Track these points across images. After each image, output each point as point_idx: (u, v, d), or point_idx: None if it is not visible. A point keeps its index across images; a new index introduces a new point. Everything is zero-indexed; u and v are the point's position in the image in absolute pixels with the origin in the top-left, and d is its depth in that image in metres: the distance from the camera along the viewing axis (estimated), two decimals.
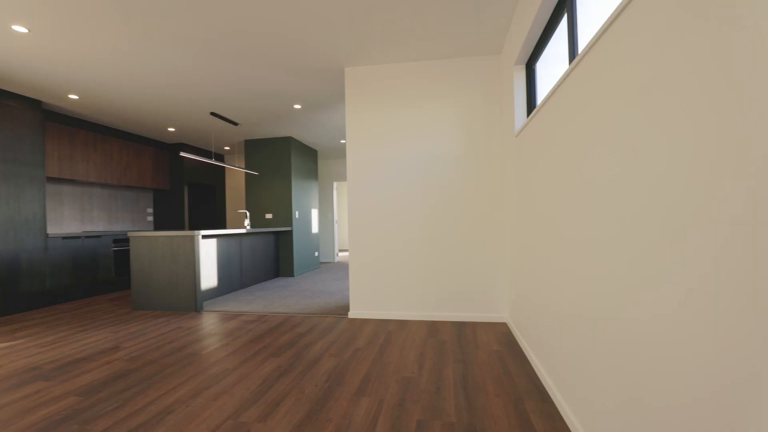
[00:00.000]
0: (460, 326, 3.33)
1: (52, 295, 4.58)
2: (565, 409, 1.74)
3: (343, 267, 7.67)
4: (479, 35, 3.12)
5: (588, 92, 1.43)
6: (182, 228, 6.73)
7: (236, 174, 8.21)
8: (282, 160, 6.56)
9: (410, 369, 2.39)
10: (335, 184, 8.89)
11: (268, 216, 6.62)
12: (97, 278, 5.18)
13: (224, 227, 7.99)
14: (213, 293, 4.66)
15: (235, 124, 5.60)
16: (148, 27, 2.89)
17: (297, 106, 4.90)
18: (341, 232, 12.70)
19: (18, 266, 4.19)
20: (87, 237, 5.04)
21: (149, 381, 2.29)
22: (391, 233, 3.64)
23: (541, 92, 2.65)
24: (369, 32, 3.05)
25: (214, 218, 7.76)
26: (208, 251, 4.53)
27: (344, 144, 7.29)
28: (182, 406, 1.96)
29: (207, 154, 7.62)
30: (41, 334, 3.35)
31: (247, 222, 5.76)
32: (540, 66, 2.70)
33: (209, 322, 3.62)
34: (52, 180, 5.10)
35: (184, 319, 3.79)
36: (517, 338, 2.91)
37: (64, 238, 4.73)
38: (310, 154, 7.41)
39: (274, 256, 6.39)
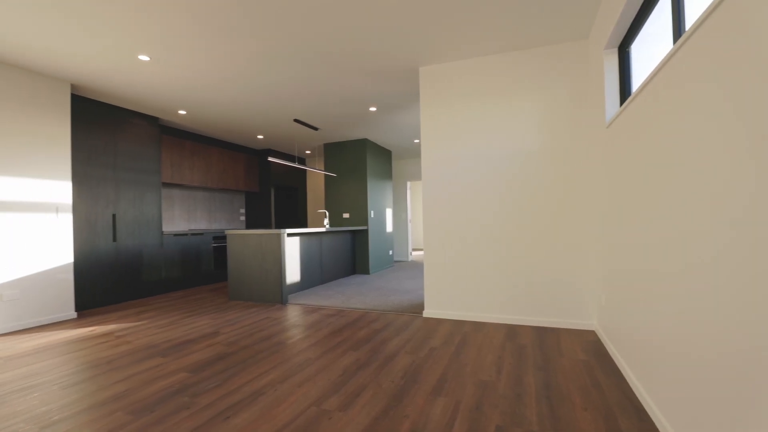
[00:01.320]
0: (541, 331, 3.14)
1: (166, 284, 5.31)
2: None
3: (417, 266, 7.70)
4: (563, 20, 2.91)
5: (704, 71, 1.25)
6: (269, 227, 7.33)
7: (316, 176, 8.69)
8: (358, 162, 6.79)
9: (488, 372, 2.32)
10: (409, 183, 8.96)
11: (346, 215, 6.91)
12: (200, 270, 5.87)
13: (305, 226, 8.51)
14: (296, 287, 5.00)
15: (316, 129, 5.93)
16: (243, 47, 3.20)
17: (372, 109, 5.04)
18: (415, 232, 12.76)
19: (141, 259, 4.93)
20: (192, 234, 5.75)
21: (244, 364, 2.53)
22: (467, 232, 3.57)
23: (638, 77, 2.39)
24: (444, 30, 3.03)
25: (297, 218, 8.32)
26: (292, 248, 4.88)
27: (418, 143, 7.32)
28: (271, 389, 2.14)
29: (291, 158, 8.19)
30: (158, 318, 3.89)
31: (326, 221, 6.07)
32: (636, 48, 2.44)
33: (293, 314, 3.89)
34: (165, 185, 5.90)
35: (272, 310, 4.12)
36: (607, 348, 2.66)
37: (174, 235, 5.44)
38: (384, 155, 7.56)
39: (350, 253, 6.64)
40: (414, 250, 11.99)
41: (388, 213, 7.73)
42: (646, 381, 1.86)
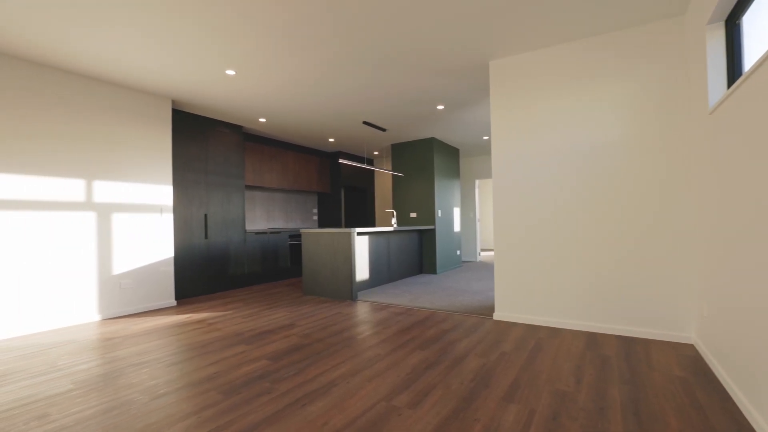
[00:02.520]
0: (627, 342, 2.86)
1: (248, 278, 5.79)
2: None
3: (486, 267, 7.46)
4: None
5: None
6: (339, 226, 7.62)
7: (384, 176, 8.84)
8: (425, 161, 6.78)
9: (565, 382, 2.18)
10: (477, 182, 8.72)
11: (413, 215, 6.93)
12: (277, 266, 6.31)
13: (374, 225, 8.71)
14: (365, 285, 5.14)
15: (384, 130, 6.04)
16: (316, 57, 3.38)
17: (440, 107, 4.99)
18: (483, 231, 12.38)
19: (227, 255, 5.44)
20: (271, 233, 6.19)
21: (318, 356, 2.67)
22: (542, 232, 3.38)
23: (752, 54, 2.07)
24: (516, 20, 2.90)
25: (366, 217, 8.54)
26: (361, 247, 5.03)
27: (487, 140, 7.09)
28: (343, 381, 2.23)
29: (360, 159, 8.44)
30: (242, 309, 4.26)
31: (394, 221, 6.15)
32: (748, 21, 2.11)
33: (362, 311, 4.00)
34: (248, 187, 6.43)
35: (343, 306, 4.28)
36: (710, 365, 2.34)
37: (256, 233, 5.91)
38: (451, 153, 7.45)
39: (418, 253, 6.65)
40: (483, 250, 11.64)
41: (456, 212, 7.60)
42: (763, 406, 1.61)
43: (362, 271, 5.07)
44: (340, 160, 5.20)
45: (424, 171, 6.79)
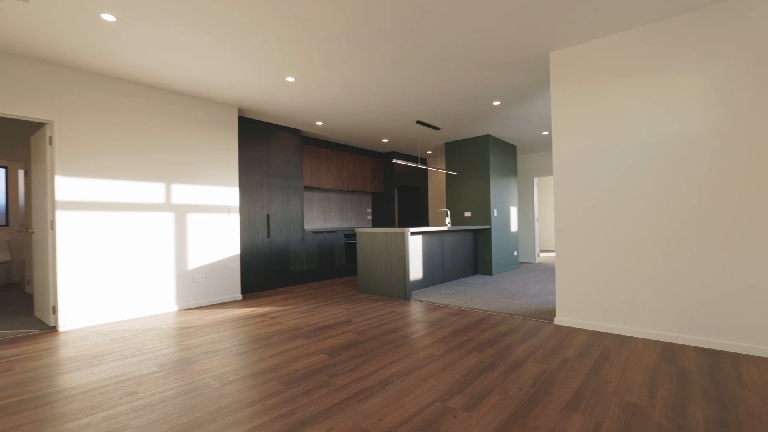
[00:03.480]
0: (711, 355, 2.58)
1: (306, 275, 6.04)
2: None
3: (545, 269, 7.11)
4: None
5: None
6: (393, 225, 7.69)
7: (437, 175, 8.76)
8: (480, 159, 6.61)
9: (637, 394, 2.02)
10: (535, 179, 8.33)
11: (467, 214, 6.80)
12: (333, 264, 6.52)
13: (427, 225, 8.67)
14: (418, 284, 5.13)
15: (437, 128, 5.99)
16: (371, 59, 3.44)
17: (496, 103, 4.84)
18: (542, 231, 11.80)
19: (287, 253, 5.72)
20: (327, 232, 6.41)
21: (373, 353, 2.73)
22: (610, 233, 3.15)
23: None
24: (581, 6, 2.73)
25: (419, 217, 8.53)
26: (415, 246, 5.03)
27: (547, 136, 6.75)
28: (398, 380, 2.25)
29: (413, 159, 8.44)
30: (301, 304, 4.46)
31: (447, 220, 6.08)
32: None
33: (416, 310, 4.01)
34: (306, 188, 6.71)
35: (396, 305, 4.32)
36: None
37: (313, 232, 6.15)
38: (508, 151, 7.19)
39: (472, 253, 6.51)
40: (542, 251, 11.09)
41: (513, 211, 7.32)
42: None
43: (416, 270, 5.07)
44: (394, 160, 5.24)
45: (479, 169, 6.63)
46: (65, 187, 3.51)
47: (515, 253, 7.35)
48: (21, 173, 6.80)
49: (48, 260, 3.60)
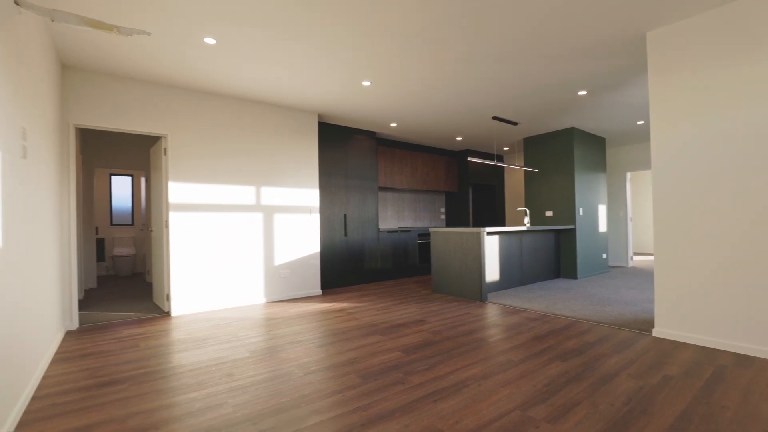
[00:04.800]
0: None
1: (381, 273, 6.19)
2: None
3: (640, 273, 6.37)
4: None
5: None
6: (467, 225, 7.51)
7: (515, 173, 8.36)
8: (563, 154, 6.16)
9: (763, 425, 1.72)
10: (628, 174, 7.52)
11: (548, 213, 6.38)
12: (407, 263, 6.58)
13: (503, 225, 8.32)
14: (495, 286, 4.95)
15: (515, 123, 5.72)
16: (445, 57, 3.41)
17: (581, 93, 4.48)
18: (637, 232, 10.60)
19: (363, 251, 5.91)
20: (401, 231, 6.49)
21: (448, 354, 2.70)
22: (721, 233, 2.72)
23: None
24: None
25: (495, 216, 8.22)
26: (491, 247, 4.86)
27: (642, 126, 6.05)
28: (474, 383, 2.20)
29: (489, 156, 8.16)
30: (376, 302, 4.57)
31: (526, 220, 5.77)
32: None
33: (493, 313, 3.87)
34: (380, 189, 6.87)
35: (472, 306, 4.22)
36: None
37: (388, 232, 6.28)
38: (595, 144, 6.59)
39: (554, 255, 6.10)
40: (636, 254, 9.97)
41: (601, 210, 6.70)
42: None
43: (492, 271, 4.90)
44: (469, 159, 5.13)
45: (562, 165, 6.18)
46: (176, 191, 4.04)
47: (604, 255, 6.71)
48: (143, 180, 7.99)
49: (163, 255, 4.19)
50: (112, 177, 7.75)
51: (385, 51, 3.33)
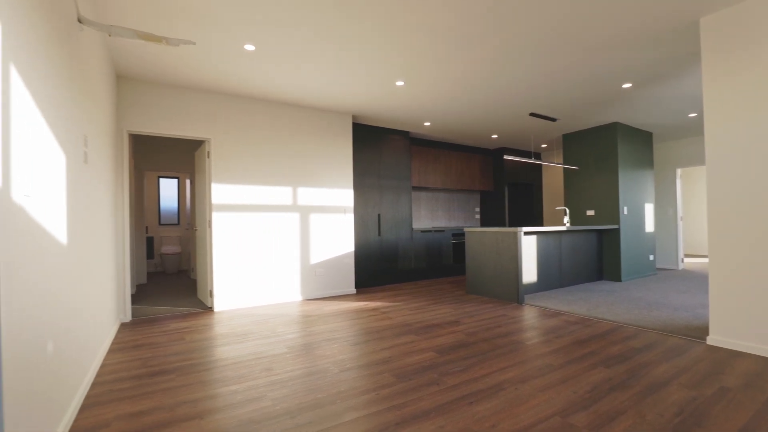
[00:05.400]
0: None
1: (414, 273, 6.17)
2: None
3: (692, 276, 5.96)
4: None
5: None
6: (503, 225, 7.34)
7: (553, 171, 8.08)
8: (606, 150, 5.88)
9: None
10: (678, 171, 7.05)
11: (590, 213, 6.11)
12: (440, 263, 6.52)
13: (541, 224, 8.06)
14: (532, 288, 4.81)
15: (553, 120, 5.52)
16: (479, 54, 3.35)
17: (626, 86, 4.25)
18: (689, 232, 9.92)
19: (396, 251, 5.92)
20: (435, 231, 6.44)
21: (484, 356, 2.65)
22: None
23: None
24: None
25: (532, 216, 7.98)
26: (528, 247, 4.73)
27: (695, 118, 5.66)
28: (511, 387, 2.15)
29: (525, 154, 7.93)
30: (410, 301, 4.57)
31: (566, 219, 5.56)
32: None
33: (530, 316, 3.76)
34: (414, 188, 6.85)
35: (508, 308, 4.12)
36: None
37: (421, 231, 6.25)
38: (641, 139, 6.24)
39: (596, 256, 5.83)
40: (687, 256, 9.33)
41: (648, 209, 6.33)
42: None
43: (529, 273, 4.76)
44: (505, 157, 5.01)
45: (604, 161, 5.90)
46: (218, 192, 4.23)
47: (651, 257, 6.34)
48: (188, 182, 8.41)
49: (206, 253, 4.40)
50: (160, 179, 8.23)
51: (419, 50, 3.32)
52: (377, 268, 5.71)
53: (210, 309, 4.26)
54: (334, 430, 1.73)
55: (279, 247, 4.60)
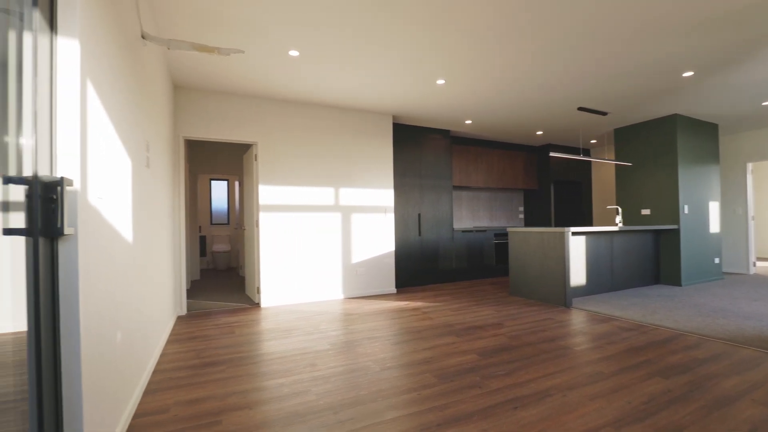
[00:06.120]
0: None
1: (455, 273, 6.09)
2: None
3: (765, 282, 5.41)
4: None
5: None
6: (548, 225, 7.05)
7: (604, 167, 7.65)
8: (664, 145, 5.47)
9: None
10: (749, 165, 6.42)
11: (645, 212, 5.72)
12: (482, 264, 6.38)
13: (590, 224, 7.66)
14: (581, 291, 4.58)
15: (604, 113, 5.23)
16: (521, 48, 3.24)
17: (687, 74, 3.94)
18: (761, 233, 8.99)
19: (437, 251, 5.88)
20: (476, 231, 6.32)
21: (528, 360, 2.57)
22: None
23: None
24: None
25: (580, 215, 7.60)
26: (576, 248, 4.51)
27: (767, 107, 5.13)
28: (558, 393, 2.07)
29: (573, 150, 7.58)
30: (451, 302, 4.52)
31: (618, 219, 5.24)
32: None
33: (578, 320, 3.59)
34: (455, 188, 6.76)
35: (554, 312, 3.96)
36: None
37: (462, 231, 6.16)
38: (705, 131, 5.75)
39: (652, 258, 5.45)
40: (759, 259, 8.47)
41: (712, 208, 5.82)
42: None
43: (577, 275, 4.54)
44: (551, 154, 4.81)
45: (662, 157, 5.50)
46: (265, 193, 4.42)
47: (716, 260, 5.82)
48: (237, 184, 8.85)
49: (254, 251, 4.60)
50: (212, 182, 8.71)
51: (459, 47, 3.27)
52: (417, 268, 5.70)
53: (257, 305, 4.46)
54: (376, 428, 1.75)
55: (321, 246, 4.72)
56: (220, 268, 8.14)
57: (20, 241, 1.15)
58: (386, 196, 5.18)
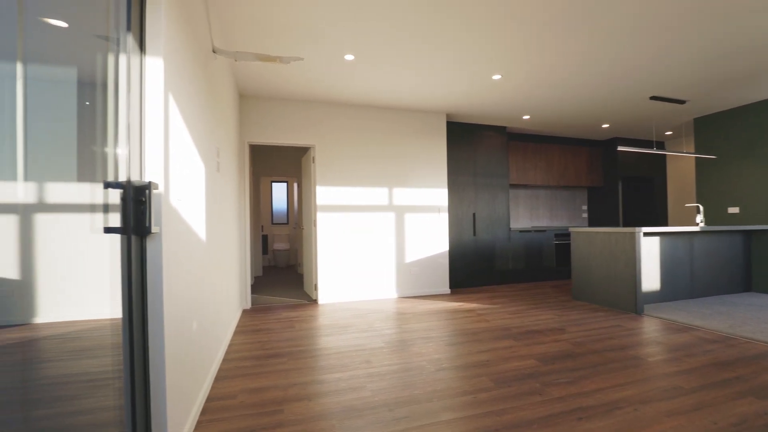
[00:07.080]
0: None
1: (512, 275, 5.87)
2: None
3: None
4: None
5: None
6: (615, 224, 6.55)
7: (681, 162, 6.94)
8: (755, 135, 4.85)
9: None
10: None
11: (732, 210, 5.11)
12: (541, 266, 6.09)
13: (665, 224, 6.99)
14: (654, 297, 4.21)
15: (681, 102, 4.75)
16: (587, 37, 3.05)
17: None
18: None
19: (493, 251, 5.71)
20: (535, 231, 6.04)
21: (594, 369, 2.42)
22: None
23: None
24: None
25: (652, 214, 6.97)
26: (649, 250, 4.15)
27: None
28: (629, 407, 1.92)
29: (645, 144, 6.96)
30: (508, 304, 4.37)
31: (699, 218, 4.73)
32: None
33: (651, 329, 3.30)
34: (512, 186, 6.52)
35: (623, 318, 3.67)
36: None
37: (520, 231, 5.92)
38: None
39: (742, 262, 4.85)
40: None
41: None
42: None
43: (650, 279, 4.17)
44: (619, 148, 4.46)
45: (753, 148, 4.87)
46: (322, 194, 4.58)
47: None
48: (295, 186, 9.27)
49: (311, 250, 4.79)
50: (273, 183, 9.21)
51: (516, 40, 3.15)
52: (472, 268, 5.58)
53: (314, 301, 4.64)
54: (431, 428, 1.75)
55: (376, 245, 4.79)
56: (280, 266, 8.58)
57: (116, 238, 1.30)
58: (440, 195, 5.13)
